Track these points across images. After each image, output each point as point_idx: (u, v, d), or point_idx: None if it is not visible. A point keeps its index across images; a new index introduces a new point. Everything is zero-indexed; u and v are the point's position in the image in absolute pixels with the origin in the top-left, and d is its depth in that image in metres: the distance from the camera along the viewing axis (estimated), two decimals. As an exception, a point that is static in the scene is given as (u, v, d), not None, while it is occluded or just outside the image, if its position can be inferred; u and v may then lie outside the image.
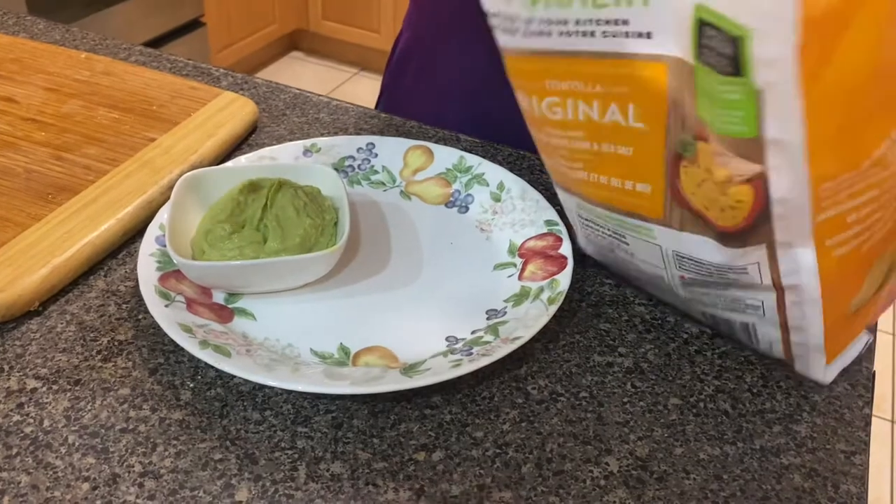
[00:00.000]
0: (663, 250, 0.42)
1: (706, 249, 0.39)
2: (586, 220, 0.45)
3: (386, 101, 0.78)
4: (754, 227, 0.36)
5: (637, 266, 0.45)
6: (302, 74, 2.59)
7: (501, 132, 0.64)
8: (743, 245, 0.37)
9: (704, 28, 0.32)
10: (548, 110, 0.40)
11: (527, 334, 0.42)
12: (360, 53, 2.63)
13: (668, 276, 0.43)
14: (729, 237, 0.37)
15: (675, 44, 0.34)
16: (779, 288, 0.38)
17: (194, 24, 2.23)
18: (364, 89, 2.51)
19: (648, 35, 0.35)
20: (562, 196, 0.46)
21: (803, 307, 0.38)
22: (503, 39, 0.39)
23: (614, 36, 0.35)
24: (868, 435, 0.41)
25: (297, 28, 2.64)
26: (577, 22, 0.36)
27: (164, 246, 0.47)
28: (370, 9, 2.49)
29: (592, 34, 0.36)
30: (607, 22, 0.35)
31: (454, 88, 0.69)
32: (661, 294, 0.47)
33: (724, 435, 0.40)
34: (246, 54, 2.47)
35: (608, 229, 0.44)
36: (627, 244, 0.44)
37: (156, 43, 2.10)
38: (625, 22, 0.35)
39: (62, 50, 0.67)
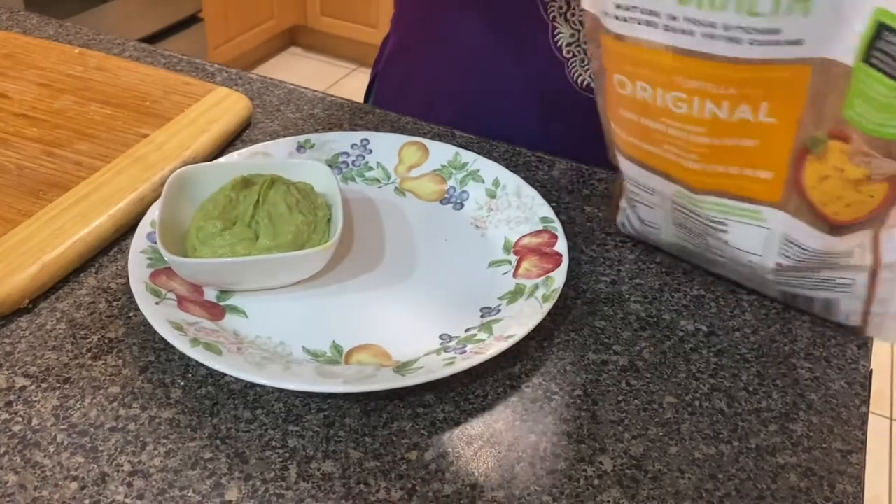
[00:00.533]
0: (770, 233, 0.43)
1: (812, 238, 0.41)
2: (681, 206, 0.46)
3: (375, 101, 0.78)
4: (873, 219, 0.38)
5: (723, 252, 0.46)
6: (300, 70, 2.58)
7: (492, 132, 0.64)
8: (852, 232, 0.39)
9: (885, 32, 0.33)
10: (672, 104, 0.40)
11: (521, 332, 0.42)
12: (359, 49, 2.62)
13: (763, 261, 0.45)
14: (841, 228, 0.39)
15: (829, 48, 0.35)
16: (876, 266, 0.41)
17: (192, 20, 2.22)
18: (362, 85, 2.50)
19: (798, 42, 0.36)
20: (654, 183, 0.46)
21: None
22: (634, 31, 0.40)
23: (761, 44, 0.36)
24: (865, 434, 0.41)
25: (296, 24, 2.64)
26: (726, 27, 0.37)
27: (156, 243, 0.46)
28: (368, 4, 2.48)
29: (738, 41, 0.37)
30: (758, 31, 0.36)
31: (442, 90, 0.69)
32: (728, 273, 0.49)
33: (719, 434, 0.40)
34: (244, 50, 2.46)
35: (706, 217, 0.45)
36: (726, 231, 0.45)
37: (153, 39, 2.09)
38: (776, 31, 0.36)
39: (55, 45, 0.67)
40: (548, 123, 0.64)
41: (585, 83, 0.62)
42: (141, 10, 2.04)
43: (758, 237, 0.44)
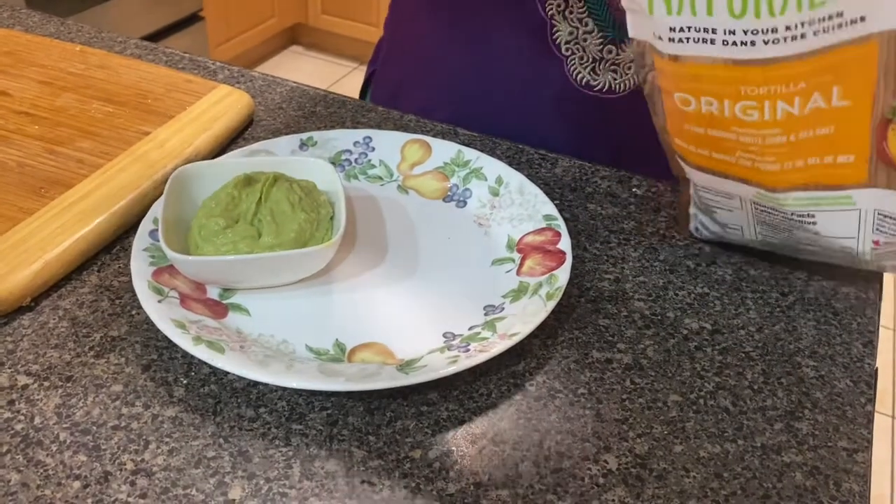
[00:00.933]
0: (862, 214, 0.43)
1: None
2: (762, 205, 0.45)
3: (371, 101, 0.77)
4: None
5: (815, 242, 0.46)
6: (301, 69, 2.58)
7: (491, 131, 0.64)
8: None
9: None
10: (741, 113, 0.41)
11: (524, 330, 0.41)
12: (360, 47, 2.62)
13: (860, 245, 0.44)
14: None
15: (892, 19, 0.35)
16: None
17: (193, 19, 2.22)
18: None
19: (862, 19, 0.36)
20: (732, 187, 0.46)
21: None
22: (690, 50, 0.40)
23: (825, 31, 0.36)
24: (870, 432, 0.40)
25: (297, 22, 2.63)
26: (788, 28, 0.37)
27: (158, 241, 0.46)
28: (369, 3, 2.48)
29: (803, 36, 0.37)
30: (821, 20, 0.36)
31: (439, 90, 0.68)
32: (819, 258, 0.48)
33: (724, 432, 0.40)
34: (245, 49, 2.46)
35: (791, 213, 0.44)
36: (814, 222, 0.44)
37: (154, 37, 2.09)
38: (839, 14, 0.36)
39: (57, 43, 0.67)
40: (547, 122, 0.64)
41: (584, 80, 0.62)
42: (142, 8, 2.04)
43: (849, 221, 0.43)
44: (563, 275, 0.45)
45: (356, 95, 0.78)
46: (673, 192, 0.56)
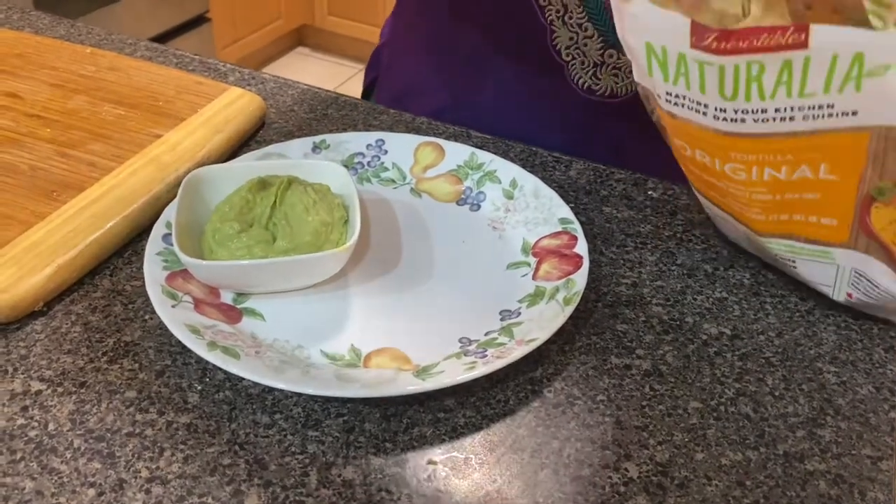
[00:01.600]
0: (840, 269, 0.43)
1: (885, 276, 0.41)
2: (751, 240, 0.47)
3: (375, 94, 0.77)
4: None
5: (797, 278, 0.47)
6: (307, 70, 2.58)
7: (484, 127, 0.63)
8: None
9: None
10: (731, 172, 0.41)
11: (542, 336, 0.41)
12: (366, 49, 2.62)
13: (835, 293, 0.45)
14: None
15: (886, 117, 0.35)
16: None
17: (199, 20, 2.22)
18: (370, 85, 2.50)
19: (854, 113, 0.36)
20: (723, 219, 0.47)
21: None
22: (684, 114, 0.40)
23: (814, 118, 0.37)
24: (894, 440, 0.40)
25: (303, 24, 2.63)
26: (777, 110, 0.37)
27: (171, 245, 0.46)
28: (376, 4, 2.48)
29: (792, 119, 0.37)
30: (810, 108, 0.37)
31: (442, 97, 0.68)
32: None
33: (746, 440, 0.39)
34: (251, 50, 2.46)
35: (776, 254, 0.45)
36: (795, 266, 0.45)
37: (161, 39, 2.09)
38: (830, 106, 0.36)
39: (67, 45, 0.66)
40: (550, 128, 0.63)
41: (586, 85, 0.61)
42: (148, 10, 2.04)
43: (827, 272, 0.44)
44: (580, 279, 0.45)
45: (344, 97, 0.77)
46: (689, 195, 0.56)
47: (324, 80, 2.50)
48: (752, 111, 0.38)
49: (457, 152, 0.56)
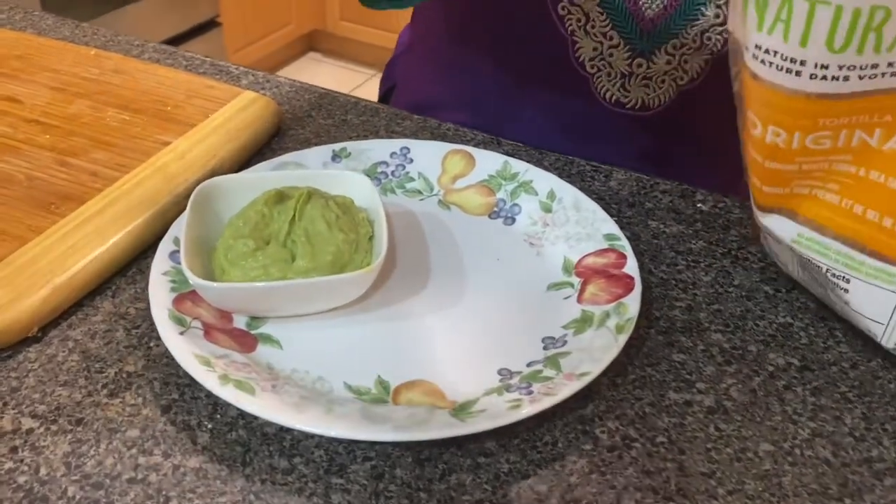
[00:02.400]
0: None
1: None
2: (801, 254, 0.41)
3: (392, 100, 0.73)
4: None
5: (843, 312, 0.41)
6: (319, 76, 2.54)
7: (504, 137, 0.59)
8: None
9: None
10: (812, 143, 0.36)
11: (595, 369, 0.36)
12: (378, 54, 2.58)
13: (887, 335, 0.40)
14: None
15: None
16: None
17: (210, 25, 2.19)
18: (382, 91, 2.46)
19: None
20: (774, 223, 0.42)
21: None
22: (770, 76, 0.35)
23: None
24: None
25: (315, 28, 2.60)
26: (891, 64, 0.33)
27: (179, 264, 0.41)
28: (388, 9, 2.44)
29: None
30: None
31: (464, 112, 0.64)
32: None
33: (827, 489, 0.35)
34: (262, 55, 2.42)
35: (829, 269, 0.40)
36: (846, 289, 0.40)
37: (170, 43, 2.05)
38: None
39: (71, 46, 0.62)
40: (578, 144, 0.58)
41: (614, 98, 0.56)
42: (158, 13, 2.01)
43: (885, 302, 0.39)
44: (633, 304, 0.40)
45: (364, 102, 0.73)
46: (741, 209, 0.51)
47: (335, 86, 2.46)
48: (861, 67, 0.33)
49: (488, 161, 0.51)
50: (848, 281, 0.40)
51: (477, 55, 0.61)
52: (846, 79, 0.34)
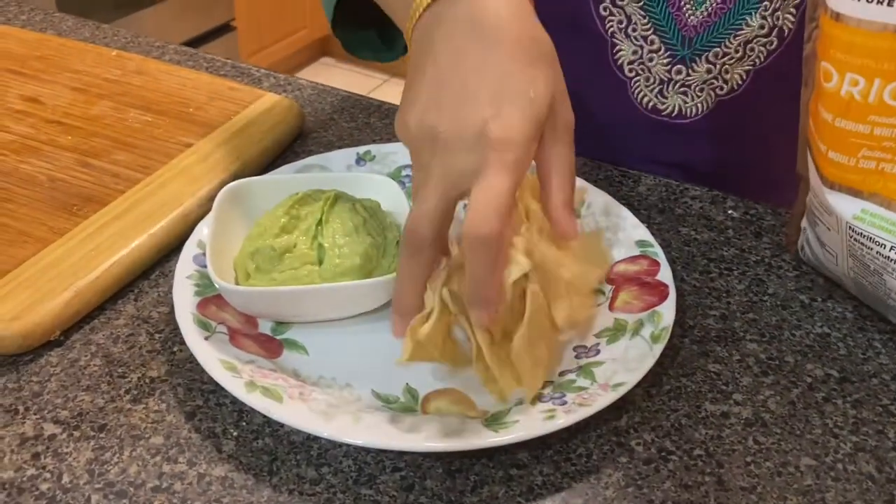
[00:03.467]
0: None
1: None
2: (863, 233, 0.39)
3: None
4: None
5: None
6: (332, 80, 2.54)
7: None
8: None
9: None
10: (890, 96, 0.34)
11: (631, 379, 0.35)
12: (392, 59, 2.58)
13: None
14: None
15: None
16: None
17: (225, 28, 2.19)
18: (394, 97, 2.45)
19: None
20: (831, 200, 0.40)
21: None
22: (860, 11, 0.34)
23: None
24: None
25: (328, 33, 2.60)
26: None
27: (204, 267, 0.41)
28: (402, 14, 2.44)
29: None
30: None
31: None
32: None
33: (872, 506, 0.33)
34: (276, 59, 2.42)
35: (892, 247, 0.38)
36: None
37: (186, 46, 2.06)
38: None
39: (92, 47, 0.62)
40: (610, 148, 0.57)
41: (651, 104, 0.55)
42: (174, 17, 2.01)
43: None
44: (667, 312, 0.39)
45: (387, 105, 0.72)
46: (773, 215, 0.50)
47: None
48: None
49: (515, 165, 0.50)
50: None
51: None
52: None
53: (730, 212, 0.50)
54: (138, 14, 1.92)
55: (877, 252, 0.39)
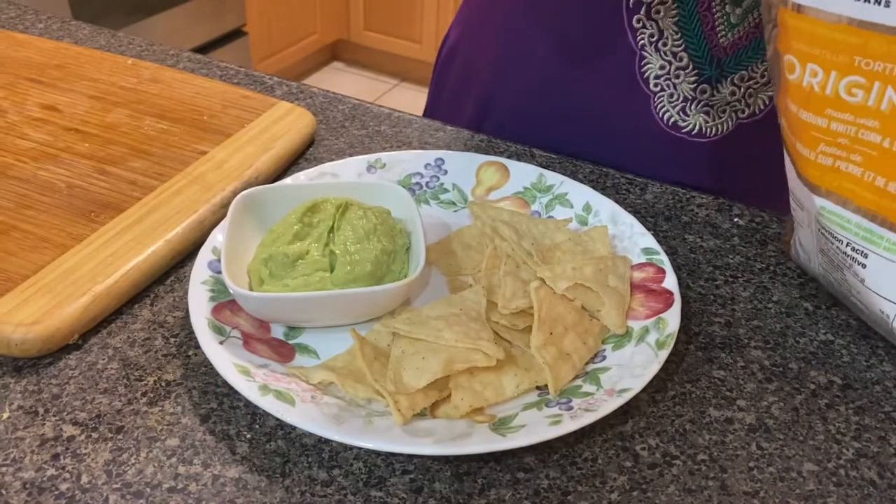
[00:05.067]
0: None
1: None
2: (825, 228, 0.40)
3: (430, 102, 0.72)
4: None
5: (858, 294, 0.40)
6: (343, 85, 2.56)
7: (549, 140, 0.58)
8: None
9: None
10: (845, 91, 0.35)
11: (636, 385, 0.36)
12: (402, 64, 2.59)
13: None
14: None
15: None
16: None
17: (236, 34, 2.20)
18: (404, 101, 2.47)
19: None
20: (801, 195, 0.41)
21: None
22: (819, 1, 0.35)
23: None
24: None
25: (339, 38, 2.62)
26: None
27: (219, 273, 0.42)
28: (412, 19, 2.45)
29: None
30: None
31: (514, 110, 0.63)
32: (866, 319, 0.42)
33: (874, 511, 0.34)
34: (287, 64, 2.44)
35: (848, 244, 0.39)
36: (864, 265, 0.39)
37: (198, 52, 2.07)
38: None
39: (108, 56, 0.63)
40: (626, 161, 0.58)
41: (672, 120, 0.56)
42: (185, 23, 2.03)
43: None
44: (672, 319, 0.40)
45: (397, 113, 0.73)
46: (779, 223, 0.51)
47: (358, 96, 2.47)
48: None
49: (523, 173, 0.51)
50: (866, 256, 0.39)
51: (537, 56, 0.60)
52: (887, 4, 0.33)
53: (735, 219, 0.51)
54: (149, 20, 1.93)
55: (836, 248, 0.40)
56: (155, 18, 1.95)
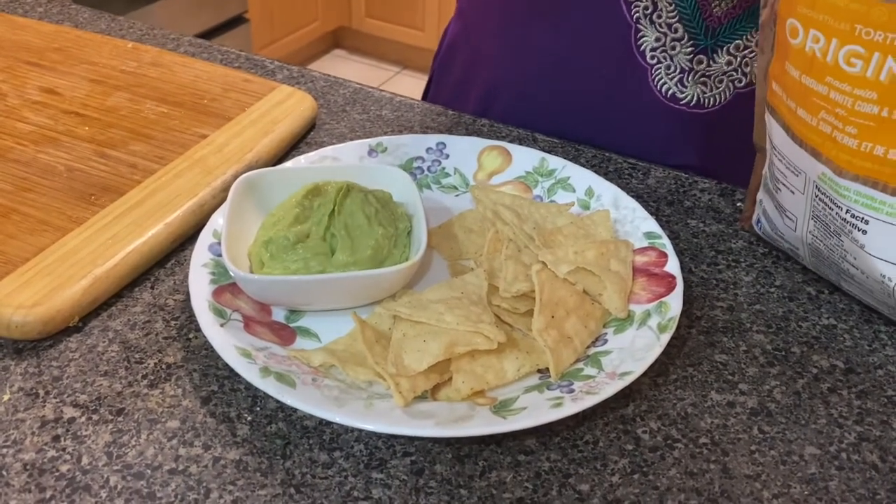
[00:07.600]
0: None
1: None
2: (823, 193, 0.40)
3: (433, 92, 0.72)
4: None
5: (857, 260, 0.40)
6: (344, 72, 2.55)
7: (551, 125, 0.58)
8: None
9: None
10: (844, 60, 0.35)
11: (637, 369, 0.36)
12: (403, 52, 2.58)
13: None
14: None
15: None
16: None
17: (237, 21, 2.20)
18: (406, 88, 2.46)
19: None
20: (798, 160, 0.41)
21: None
22: None
23: None
24: None
25: (340, 25, 2.60)
26: None
27: (219, 256, 0.41)
28: (414, 6, 2.44)
29: None
30: None
31: (513, 90, 0.63)
32: (856, 291, 0.42)
33: (875, 494, 0.34)
34: (288, 51, 2.43)
35: (847, 210, 0.39)
36: (865, 231, 0.38)
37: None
38: None
39: (108, 39, 0.63)
40: (626, 135, 0.58)
41: (670, 92, 0.56)
42: (186, 10, 2.02)
43: None
44: (674, 303, 0.39)
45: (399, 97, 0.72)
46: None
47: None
48: None
49: (525, 157, 0.51)
50: (867, 222, 0.38)
51: (531, 36, 0.60)
52: None
53: (738, 204, 0.51)
54: (151, 7, 1.93)
55: (835, 213, 0.39)
56: (155, 6, 1.94)
